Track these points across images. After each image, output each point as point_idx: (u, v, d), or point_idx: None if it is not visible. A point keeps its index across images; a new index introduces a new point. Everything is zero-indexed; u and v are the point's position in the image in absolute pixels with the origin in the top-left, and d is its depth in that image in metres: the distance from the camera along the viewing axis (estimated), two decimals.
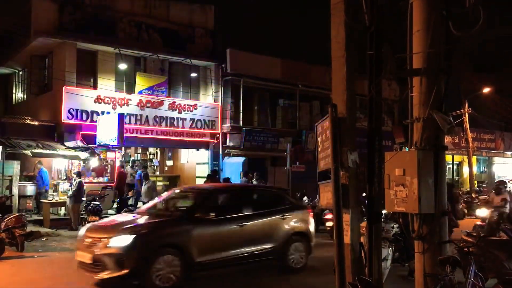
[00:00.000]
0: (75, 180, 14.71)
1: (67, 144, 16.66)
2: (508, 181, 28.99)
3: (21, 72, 22.04)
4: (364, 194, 6.38)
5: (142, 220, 8.51)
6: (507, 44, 26.37)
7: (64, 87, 16.80)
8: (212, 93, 20.84)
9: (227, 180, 16.79)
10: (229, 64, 20.80)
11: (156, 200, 10.20)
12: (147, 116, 18.58)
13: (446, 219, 5.76)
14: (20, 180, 15.96)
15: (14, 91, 22.93)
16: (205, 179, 17.56)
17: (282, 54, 23.24)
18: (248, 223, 8.95)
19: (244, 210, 9.26)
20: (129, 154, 23.20)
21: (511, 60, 29.66)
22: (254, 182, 17.11)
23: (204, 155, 20.91)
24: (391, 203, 5.73)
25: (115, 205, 16.78)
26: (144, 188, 15.48)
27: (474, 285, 5.78)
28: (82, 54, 17.92)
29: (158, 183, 22.17)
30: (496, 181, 17.49)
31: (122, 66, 18.73)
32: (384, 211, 7.57)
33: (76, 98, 17.03)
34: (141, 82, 18.74)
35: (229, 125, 20.74)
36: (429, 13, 5.57)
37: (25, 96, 21.68)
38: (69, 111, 16.85)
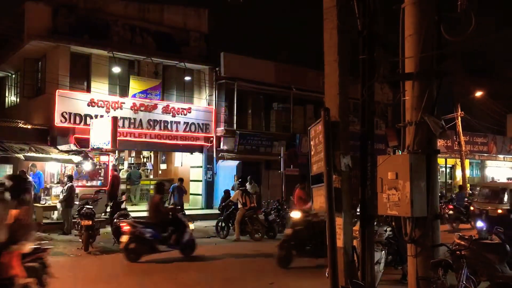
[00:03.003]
0: (66, 184, 14.62)
1: (60, 147, 16.57)
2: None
3: (14, 75, 21.94)
4: None
5: None
6: (500, 47, 26.59)
7: (57, 91, 16.76)
8: (206, 96, 20.84)
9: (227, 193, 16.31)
10: (223, 68, 20.82)
11: None
12: (140, 120, 18.56)
13: (439, 223, 5.79)
14: None
15: (6, 94, 22.81)
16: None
17: (276, 57, 23.34)
18: None
19: None
20: (123, 157, 23.15)
21: (503, 64, 29.92)
22: (248, 186, 17.03)
23: (198, 158, 20.89)
24: (384, 206, 5.75)
25: (108, 209, 16.68)
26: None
27: None
28: (76, 58, 17.88)
29: (151, 187, 22.18)
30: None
31: (116, 70, 18.69)
32: None
33: (70, 102, 16.99)
34: (135, 86, 18.70)
35: (223, 128, 20.73)
36: (421, 18, 5.61)
37: (18, 100, 21.58)
38: (62, 115, 16.81)
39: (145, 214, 16.67)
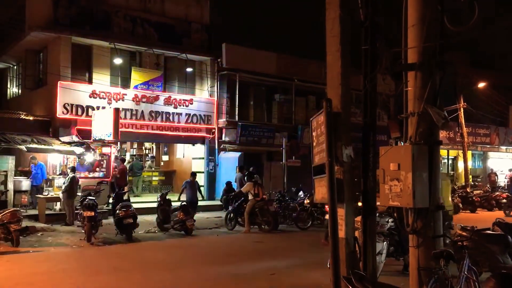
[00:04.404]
0: (68, 175, 14.67)
1: (62, 139, 16.60)
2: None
3: (15, 67, 21.94)
4: None
5: None
6: (503, 39, 26.41)
7: (59, 82, 16.76)
8: (207, 88, 20.80)
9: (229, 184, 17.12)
10: (225, 59, 20.75)
11: None
12: (142, 111, 18.56)
13: (441, 213, 5.79)
14: (15, 175, 15.87)
15: (8, 85, 22.84)
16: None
17: (278, 49, 23.19)
18: None
19: None
20: (125, 149, 23.18)
21: (506, 55, 29.76)
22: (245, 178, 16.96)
23: (200, 150, 20.91)
24: (385, 197, 5.74)
25: (110, 200, 16.72)
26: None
27: (468, 278, 5.81)
28: (77, 49, 17.85)
29: (154, 178, 22.25)
30: None
31: (118, 61, 18.66)
32: None
33: (71, 93, 16.99)
34: (136, 77, 18.69)
35: (225, 120, 20.72)
36: (424, 8, 5.56)
37: (19, 91, 21.59)
38: (64, 106, 16.82)
39: (147, 205, 16.82)
